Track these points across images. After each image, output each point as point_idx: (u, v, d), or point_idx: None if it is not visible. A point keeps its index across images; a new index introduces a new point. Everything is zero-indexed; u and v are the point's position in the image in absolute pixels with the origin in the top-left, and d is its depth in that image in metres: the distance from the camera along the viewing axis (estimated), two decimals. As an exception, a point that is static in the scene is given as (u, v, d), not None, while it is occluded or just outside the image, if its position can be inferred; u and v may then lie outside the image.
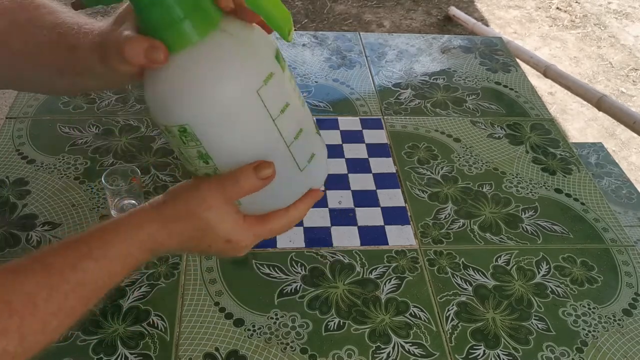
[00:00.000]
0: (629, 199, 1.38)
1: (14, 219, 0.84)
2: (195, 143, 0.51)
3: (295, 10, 3.21)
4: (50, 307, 0.49)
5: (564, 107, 2.66)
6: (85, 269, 0.51)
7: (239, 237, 0.56)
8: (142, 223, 0.55)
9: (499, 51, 1.31)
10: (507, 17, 3.34)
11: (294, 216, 0.58)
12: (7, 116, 1.02)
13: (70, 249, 0.52)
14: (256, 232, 0.57)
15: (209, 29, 0.48)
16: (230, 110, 0.49)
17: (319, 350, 0.71)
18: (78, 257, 0.52)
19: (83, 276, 0.51)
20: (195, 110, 0.49)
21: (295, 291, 0.77)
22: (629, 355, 0.73)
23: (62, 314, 0.50)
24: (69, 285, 0.50)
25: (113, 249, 0.53)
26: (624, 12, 3.44)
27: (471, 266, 0.82)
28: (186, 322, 0.73)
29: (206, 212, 0.54)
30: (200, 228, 0.55)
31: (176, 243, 0.56)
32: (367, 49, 1.27)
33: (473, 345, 0.73)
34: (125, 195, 0.84)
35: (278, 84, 0.51)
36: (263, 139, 0.52)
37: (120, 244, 0.54)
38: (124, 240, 0.54)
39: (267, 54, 0.51)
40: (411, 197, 0.92)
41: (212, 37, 0.48)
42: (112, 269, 0.53)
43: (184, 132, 0.50)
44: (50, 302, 0.49)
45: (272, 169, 0.52)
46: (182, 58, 0.48)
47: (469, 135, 1.06)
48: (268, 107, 0.50)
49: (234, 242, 0.56)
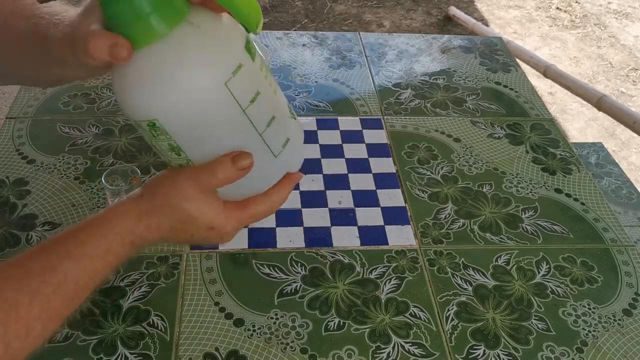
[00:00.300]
0: (629, 199, 1.38)
1: (14, 219, 0.84)
2: (165, 137, 0.51)
3: (295, 10, 3.21)
4: (33, 312, 0.48)
5: (564, 107, 2.66)
6: (65, 269, 0.50)
7: (220, 223, 0.55)
8: (120, 218, 0.54)
9: (499, 51, 1.31)
10: (507, 17, 3.34)
11: (273, 200, 0.58)
12: (7, 116, 1.02)
13: (49, 250, 0.52)
14: (237, 217, 0.56)
15: (176, 22, 0.48)
16: (198, 104, 0.49)
17: (319, 350, 0.71)
18: (57, 259, 0.51)
19: (64, 277, 0.50)
20: (163, 105, 0.48)
21: (295, 291, 0.77)
22: (629, 355, 0.73)
23: (45, 317, 0.49)
24: (51, 287, 0.49)
25: (92, 247, 0.52)
26: (624, 12, 3.44)
27: (471, 266, 0.83)
28: (186, 322, 0.73)
29: (184, 203, 0.53)
30: (179, 219, 0.54)
31: (156, 235, 0.55)
32: (367, 49, 1.27)
33: (473, 345, 0.73)
34: (125, 195, 0.84)
35: (248, 74, 0.50)
36: (234, 129, 0.52)
37: (98, 240, 0.53)
38: (103, 237, 0.53)
39: (236, 45, 0.50)
40: (411, 197, 0.92)
41: (178, 31, 0.47)
42: (93, 266, 0.52)
43: (153, 127, 0.50)
44: (32, 307, 0.48)
45: (250, 160, 0.52)
46: (148, 53, 0.47)
47: (469, 135, 1.06)
48: (237, 98, 0.50)
49: (217, 228, 0.56)
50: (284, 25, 3.06)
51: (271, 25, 3.05)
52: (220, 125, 0.51)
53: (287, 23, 3.08)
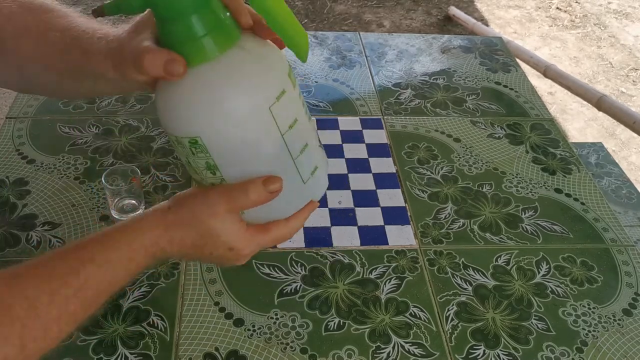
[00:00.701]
0: (629, 199, 1.38)
1: (14, 219, 0.84)
2: (204, 155, 0.52)
3: (295, 10, 3.21)
4: (51, 313, 0.48)
5: (564, 107, 2.66)
6: (87, 274, 0.51)
7: (241, 245, 0.57)
8: (145, 228, 0.55)
9: (499, 51, 1.31)
10: (507, 17, 3.34)
11: (293, 226, 0.60)
12: (7, 116, 1.02)
13: (73, 253, 0.52)
14: (259, 241, 0.58)
15: (228, 45, 0.50)
16: (242, 125, 0.50)
17: (319, 350, 0.71)
18: (80, 262, 0.52)
19: (85, 281, 0.51)
20: (208, 123, 0.50)
21: (295, 291, 0.77)
22: (629, 355, 0.73)
23: (63, 319, 0.49)
24: (71, 290, 0.50)
25: (115, 254, 0.53)
26: (624, 12, 3.44)
27: (471, 266, 0.82)
28: (186, 322, 0.73)
29: (211, 220, 0.54)
30: (203, 235, 0.55)
31: (177, 249, 0.56)
32: (367, 49, 1.27)
33: (473, 345, 0.73)
34: (125, 195, 0.84)
35: (289, 100, 0.53)
36: (271, 153, 0.53)
37: (122, 249, 0.54)
38: (127, 245, 0.54)
39: (280, 71, 0.53)
40: (411, 197, 0.92)
41: (229, 53, 0.50)
42: (115, 274, 0.53)
43: (194, 144, 0.51)
44: (51, 308, 0.48)
45: (280, 184, 0.54)
46: (199, 72, 0.49)
47: (469, 135, 1.06)
48: (278, 123, 0.52)
49: (236, 249, 0.57)
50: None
51: (271, 25, 3.04)
52: (258, 148, 0.53)
53: (287, 23, 3.07)
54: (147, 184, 0.90)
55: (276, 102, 0.51)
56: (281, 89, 0.52)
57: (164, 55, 0.49)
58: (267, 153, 0.53)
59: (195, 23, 0.48)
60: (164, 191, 0.89)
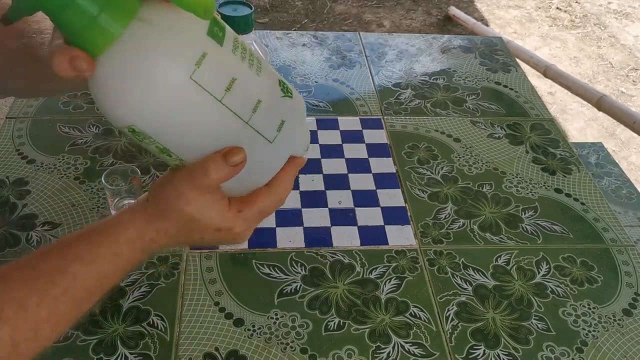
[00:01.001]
0: (629, 199, 1.38)
1: (14, 219, 0.84)
2: (150, 140, 0.49)
3: (295, 10, 3.21)
4: (41, 313, 0.48)
5: (564, 107, 2.66)
6: (75, 272, 0.50)
7: (228, 224, 0.54)
8: (128, 222, 0.54)
9: (499, 51, 1.31)
10: (507, 17, 3.34)
11: (278, 191, 0.56)
12: (7, 116, 1.02)
13: (59, 252, 0.51)
14: (244, 216, 0.55)
15: (126, 21, 0.45)
16: (168, 104, 0.46)
17: (319, 350, 0.71)
18: (67, 261, 0.51)
19: (73, 279, 0.50)
20: (134, 111, 0.46)
21: (295, 291, 0.77)
22: (629, 355, 0.73)
23: (54, 319, 0.49)
24: (59, 289, 0.49)
25: (101, 250, 0.52)
26: (624, 12, 3.44)
27: (471, 266, 0.82)
28: (186, 322, 0.73)
29: (185, 207, 0.52)
30: (185, 223, 0.53)
31: (166, 238, 0.54)
32: (367, 49, 1.27)
33: (473, 345, 0.73)
34: (125, 195, 0.84)
35: (216, 61, 0.47)
36: (214, 122, 0.49)
37: (108, 244, 0.52)
38: (113, 241, 0.53)
39: (195, 33, 0.47)
40: (411, 197, 0.92)
41: (131, 29, 0.45)
42: (103, 270, 0.52)
43: (134, 132, 0.48)
44: (41, 308, 0.48)
45: (242, 154, 0.50)
46: (108, 59, 0.45)
47: (469, 135, 1.06)
48: (209, 89, 0.47)
49: (225, 229, 0.54)
50: (284, 25, 3.06)
51: (271, 25, 3.05)
52: (198, 121, 0.48)
53: (287, 23, 3.08)
54: (147, 184, 0.90)
55: (197, 69, 0.46)
56: (200, 52, 0.46)
57: (67, 54, 0.45)
58: (210, 124, 0.49)
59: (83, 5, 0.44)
60: (164, 191, 0.89)
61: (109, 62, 0.45)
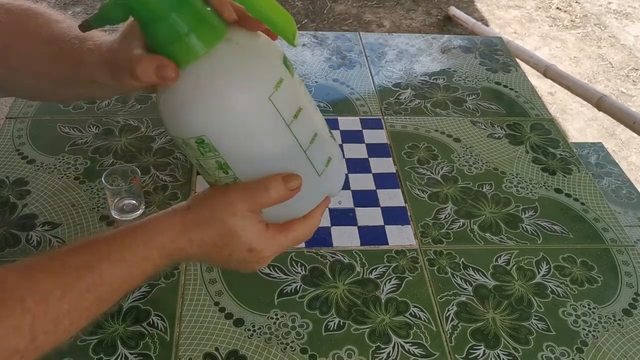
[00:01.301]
0: (629, 199, 1.38)
1: (14, 219, 0.84)
2: (213, 154, 0.51)
3: (295, 10, 3.21)
4: (63, 307, 0.48)
5: (564, 107, 2.66)
6: (102, 270, 0.51)
7: (261, 246, 0.56)
8: (163, 228, 0.55)
9: (499, 51, 1.31)
10: (507, 17, 3.34)
11: (312, 224, 0.59)
12: (7, 116, 1.02)
13: (89, 249, 0.52)
14: (280, 241, 0.57)
15: (215, 40, 0.49)
16: (244, 119, 0.50)
17: (319, 350, 0.71)
18: (96, 258, 0.51)
19: (99, 277, 0.50)
20: (210, 121, 0.49)
21: (295, 291, 0.77)
22: (629, 355, 0.73)
23: (75, 314, 0.49)
24: (84, 285, 0.50)
25: (131, 252, 0.53)
26: (624, 12, 3.44)
27: (471, 266, 0.82)
28: (186, 322, 0.72)
29: (231, 218, 0.53)
30: (223, 234, 0.54)
31: (197, 250, 0.55)
32: (367, 49, 1.27)
33: (473, 345, 0.73)
34: (125, 195, 0.84)
35: (289, 89, 0.51)
36: (279, 144, 0.52)
37: (139, 247, 0.53)
38: (144, 244, 0.53)
39: (274, 60, 0.52)
40: (411, 197, 0.92)
41: (218, 48, 0.49)
42: (129, 272, 0.53)
43: (201, 144, 0.51)
44: (63, 302, 0.48)
45: (299, 181, 0.53)
46: (193, 71, 0.49)
47: (469, 135, 1.06)
48: (281, 112, 0.51)
49: (256, 251, 0.56)
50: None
51: (271, 25, 3.04)
52: (266, 141, 0.52)
53: (287, 23, 3.08)
54: (147, 184, 0.90)
55: (275, 91, 0.50)
56: (278, 77, 0.51)
57: (154, 62, 0.49)
58: (275, 145, 0.52)
59: (176, 22, 0.48)
60: (164, 191, 0.89)
61: (191, 74, 0.49)
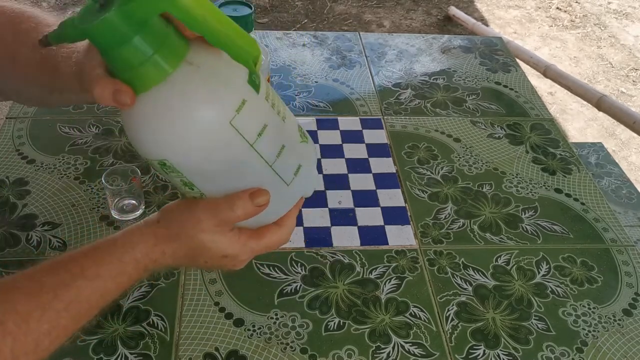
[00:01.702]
0: (629, 199, 1.38)
1: (14, 219, 0.84)
2: (177, 174, 0.51)
3: (295, 10, 3.21)
4: (43, 327, 0.49)
5: (564, 107, 2.66)
6: (78, 287, 0.52)
7: (235, 252, 0.57)
8: (135, 242, 0.56)
9: (499, 51, 1.31)
10: (507, 17, 3.34)
11: (286, 230, 0.59)
12: (7, 116, 1.02)
13: (64, 267, 0.53)
14: (252, 247, 0.58)
15: (175, 64, 0.47)
16: (205, 143, 0.49)
17: (319, 350, 0.71)
18: (71, 276, 0.52)
19: (76, 295, 0.51)
20: (171, 146, 0.49)
21: (295, 291, 0.77)
22: (629, 355, 0.73)
23: (54, 333, 0.50)
24: (62, 304, 0.50)
25: (106, 268, 0.54)
26: (624, 12, 3.44)
27: (471, 266, 0.82)
28: (186, 322, 0.72)
29: (200, 234, 0.54)
30: (194, 248, 0.56)
31: (170, 261, 0.57)
32: (367, 49, 1.27)
33: (473, 345, 0.73)
34: (125, 195, 0.84)
35: (253, 108, 0.50)
36: (243, 164, 0.52)
37: (113, 262, 0.54)
38: (118, 260, 0.55)
39: (237, 81, 0.49)
40: (411, 197, 0.92)
41: (178, 72, 0.47)
42: (106, 287, 0.54)
43: (164, 166, 0.50)
44: (42, 322, 0.49)
45: (267, 197, 0.53)
46: (152, 95, 0.47)
47: (469, 135, 1.06)
48: (244, 134, 0.50)
49: (231, 256, 0.57)
50: (284, 25, 3.06)
51: (271, 25, 3.05)
52: (228, 162, 0.51)
53: (287, 23, 3.08)
54: (147, 184, 0.90)
55: (237, 115, 0.48)
56: (240, 99, 0.49)
57: (111, 86, 0.47)
58: (238, 165, 0.51)
59: (133, 49, 0.46)
60: (164, 191, 0.89)
61: (151, 99, 0.47)
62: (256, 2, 3.21)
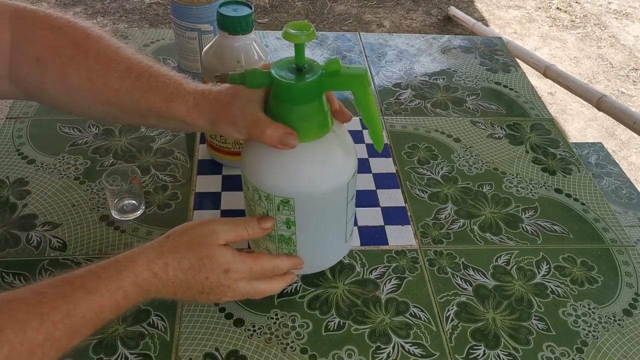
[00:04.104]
0: (629, 199, 1.38)
1: (14, 219, 0.84)
2: (289, 212, 0.63)
3: (295, 10, 3.21)
4: (38, 338, 0.50)
5: (564, 107, 2.66)
6: (76, 300, 0.53)
7: (236, 267, 0.62)
8: (138, 256, 0.58)
9: (499, 51, 1.31)
10: (507, 17, 3.34)
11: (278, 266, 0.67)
12: (7, 116, 1.02)
13: (67, 280, 0.55)
14: (250, 265, 0.63)
15: (329, 128, 0.62)
16: (328, 195, 0.63)
17: (319, 350, 0.71)
18: (72, 288, 0.54)
19: (73, 308, 0.52)
20: (304, 190, 0.62)
21: (295, 291, 0.77)
22: (629, 355, 0.73)
23: (47, 345, 0.51)
24: (59, 316, 0.51)
25: (105, 282, 0.55)
26: (624, 12, 3.44)
27: (471, 266, 0.82)
28: (186, 322, 0.72)
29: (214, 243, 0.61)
30: (202, 257, 0.60)
31: (172, 275, 0.59)
32: (367, 49, 1.27)
33: (473, 345, 0.73)
34: (125, 195, 0.84)
35: (356, 178, 0.66)
36: (336, 217, 0.67)
37: (112, 277, 0.56)
38: (117, 273, 0.56)
39: (355, 152, 0.66)
40: (411, 197, 0.92)
41: (328, 135, 0.62)
42: (102, 302, 0.55)
43: (285, 203, 0.62)
44: (39, 332, 0.50)
45: (271, 223, 0.64)
46: (305, 147, 0.60)
47: (469, 135, 1.06)
48: (348, 195, 0.66)
49: (232, 271, 0.61)
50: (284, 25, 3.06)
51: (271, 25, 3.05)
52: (331, 213, 0.66)
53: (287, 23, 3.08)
54: (147, 184, 0.90)
55: (351, 179, 0.65)
56: (356, 167, 0.65)
57: (283, 130, 0.58)
58: (333, 218, 0.67)
59: (310, 110, 0.60)
60: (164, 191, 0.89)
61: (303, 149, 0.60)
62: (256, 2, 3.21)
